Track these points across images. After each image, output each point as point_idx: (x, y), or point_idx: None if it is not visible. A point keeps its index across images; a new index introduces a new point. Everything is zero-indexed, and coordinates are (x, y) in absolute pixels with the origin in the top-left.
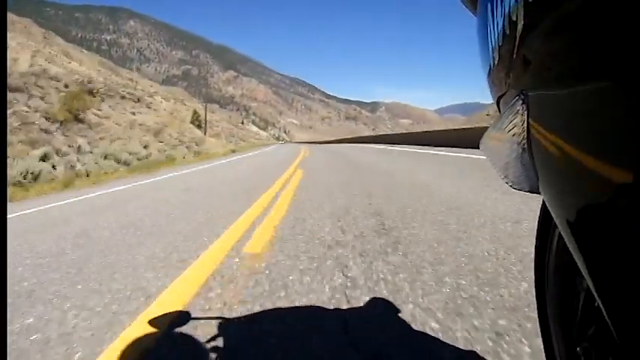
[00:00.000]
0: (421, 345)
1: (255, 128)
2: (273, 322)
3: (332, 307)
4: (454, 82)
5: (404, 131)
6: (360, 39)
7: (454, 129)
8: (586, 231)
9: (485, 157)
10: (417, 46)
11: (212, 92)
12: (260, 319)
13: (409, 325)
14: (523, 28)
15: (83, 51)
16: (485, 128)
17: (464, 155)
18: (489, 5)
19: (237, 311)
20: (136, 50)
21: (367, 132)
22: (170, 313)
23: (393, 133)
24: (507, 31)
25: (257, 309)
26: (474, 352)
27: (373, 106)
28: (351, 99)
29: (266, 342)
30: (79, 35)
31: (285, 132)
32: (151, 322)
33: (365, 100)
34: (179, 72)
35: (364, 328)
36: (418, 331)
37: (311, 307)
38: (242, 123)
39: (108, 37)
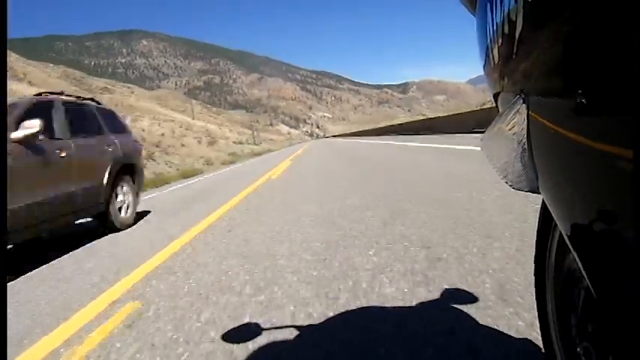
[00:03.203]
0: None
1: (286, 128)
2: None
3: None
4: None
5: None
6: (379, 21)
7: None
8: (585, 230)
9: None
10: (438, 20)
11: (237, 97)
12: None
13: None
14: (522, 28)
15: (50, 65)
16: None
17: None
18: (489, 5)
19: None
20: (152, 69)
21: (402, 114)
22: None
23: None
24: (506, 31)
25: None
26: None
27: (404, 87)
28: (381, 83)
29: None
30: (93, 63)
31: (317, 127)
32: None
33: (395, 83)
34: (200, 83)
35: None
36: None
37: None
38: (270, 125)
39: (123, 60)
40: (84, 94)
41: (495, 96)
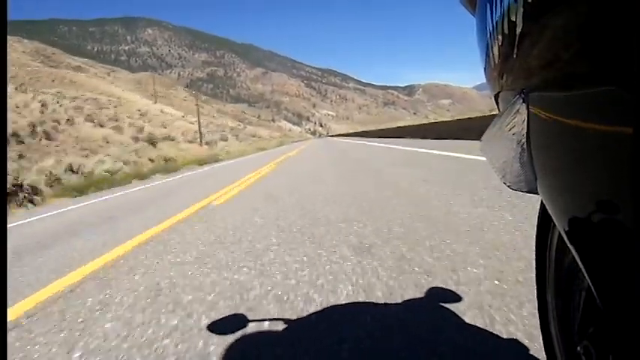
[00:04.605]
0: None
1: (289, 124)
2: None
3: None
4: None
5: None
6: (387, 22)
7: None
8: (584, 230)
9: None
10: (446, 25)
11: (240, 91)
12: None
13: None
14: (522, 28)
15: (24, 41)
16: None
17: None
18: (488, 5)
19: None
20: (156, 58)
21: (408, 117)
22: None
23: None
24: (506, 31)
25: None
26: None
27: (410, 90)
28: (387, 85)
29: None
30: (95, 49)
31: (321, 125)
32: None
33: (400, 85)
34: (203, 74)
35: None
36: None
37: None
38: (272, 120)
39: (126, 48)
40: (47, 70)
41: (496, 97)
